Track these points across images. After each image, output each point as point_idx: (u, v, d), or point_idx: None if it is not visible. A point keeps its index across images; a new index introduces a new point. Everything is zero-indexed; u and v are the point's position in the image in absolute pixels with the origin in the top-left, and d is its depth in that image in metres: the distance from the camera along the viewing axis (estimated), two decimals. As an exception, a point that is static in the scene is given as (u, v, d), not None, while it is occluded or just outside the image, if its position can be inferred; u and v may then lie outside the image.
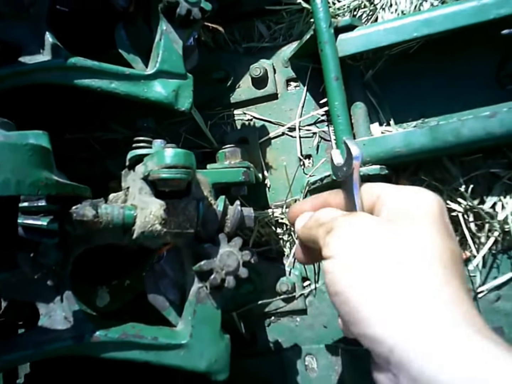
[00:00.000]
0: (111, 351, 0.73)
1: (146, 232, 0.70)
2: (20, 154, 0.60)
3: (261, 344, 1.00)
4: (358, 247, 0.54)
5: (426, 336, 0.45)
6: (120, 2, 0.85)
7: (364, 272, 0.51)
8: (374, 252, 0.52)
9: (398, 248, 0.51)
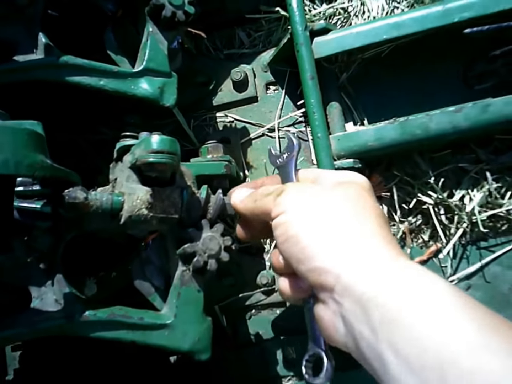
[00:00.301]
0: (100, 331, 0.76)
1: (133, 217, 0.73)
2: (18, 138, 0.64)
3: (242, 336, 1.02)
4: (305, 201, 0.63)
5: (365, 263, 0.54)
6: (109, 6, 0.90)
7: (311, 218, 0.60)
8: (318, 204, 0.62)
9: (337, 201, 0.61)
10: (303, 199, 0.63)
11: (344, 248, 0.56)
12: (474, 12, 0.86)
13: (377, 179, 0.95)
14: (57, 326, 0.74)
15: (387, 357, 0.48)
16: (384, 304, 0.50)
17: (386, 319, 0.49)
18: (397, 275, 0.52)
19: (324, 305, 0.58)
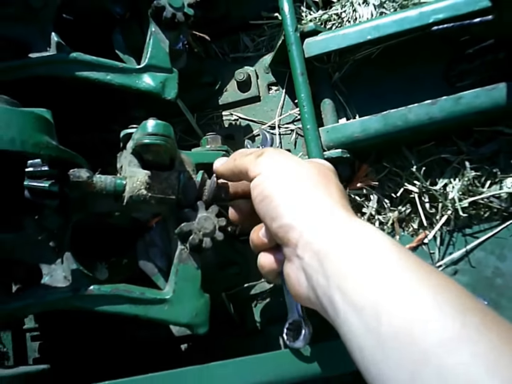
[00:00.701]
0: (104, 305, 0.79)
1: (134, 197, 0.77)
2: (26, 119, 0.70)
3: (249, 323, 1.04)
4: (282, 166, 0.69)
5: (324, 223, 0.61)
6: (117, 10, 0.96)
7: (285, 182, 0.67)
8: (293, 170, 0.68)
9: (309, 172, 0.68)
10: (280, 163, 0.70)
11: (309, 210, 0.63)
12: (447, 14, 0.91)
13: (366, 170, 0.98)
14: (63, 299, 0.78)
15: (337, 301, 0.54)
16: (335, 256, 0.56)
17: (336, 268, 0.55)
18: (348, 234, 0.58)
19: (290, 262, 0.64)
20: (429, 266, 0.53)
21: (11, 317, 0.79)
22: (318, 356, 0.73)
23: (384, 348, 0.49)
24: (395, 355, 0.47)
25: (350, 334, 0.53)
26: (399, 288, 0.50)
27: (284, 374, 0.74)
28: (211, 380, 0.73)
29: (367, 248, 0.56)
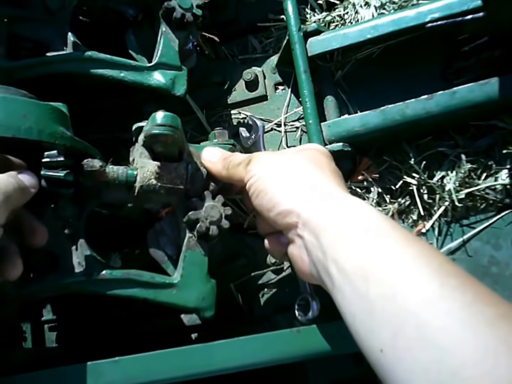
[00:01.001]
0: (115, 288, 0.82)
1: (144, 186, 0.80)
2: (42, 110, 0.73)
3: (257, 312, 1.06)
4: (271, 163, 0.74)
5: (318, 202, 0.65)
6: (130, 12, 1.00)
7: (275, 174, 0.72)
8: (281, 164, 0.73)
9: (297, 160, 0.73)
10: (268, 162, 0.75)
11: (302, 193, 0.67)
12: (442, 13, 0.93)
13: (367, 163, 1.01)
14: (77, 283, 0.81)
15: (332, 271, 0.59)
16: (329, 231, 0.61)
17: (331, 242, 0.60)
18: (340, 209, 0.63)
19: (292, 244, 0.70)
20: (416, 238, 0.58)
21: (28, 299, 0.81)
22: (324, 335, 0.76)
23: (371, 310, 0.53)
24: (381, 316, 0.52)
25: (344, 301, 0.57)
26: (384, 255, 0.55)
27: (288, 352, 0.77)
28: (217, 357, 0.75)
29: (357, 221, 0.60)
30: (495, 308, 0.46)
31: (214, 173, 0.84)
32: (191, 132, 1.15)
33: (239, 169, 0.78)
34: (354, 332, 0.56)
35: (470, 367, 0.43)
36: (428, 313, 0.48)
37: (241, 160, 0.79)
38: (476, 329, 0.45)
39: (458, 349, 0.44)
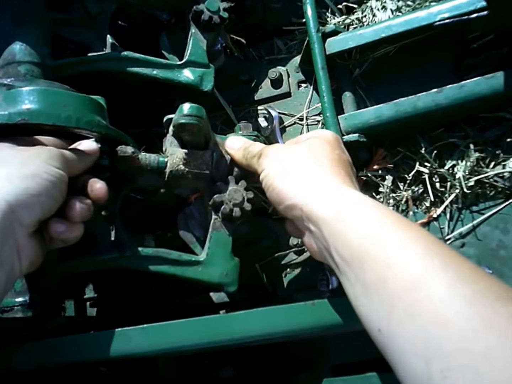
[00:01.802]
0: (147, 265, 0.85)
1: (173, 171, 0.84)
2: (80, 100, 0.77)
3: (280, 292, 1.08)
4: (278, 157, 0.77)
5: (319, 194, 0.67)
6: (164, 16, 1.04)
7: (282, 169, 0.74)
8: (287, 157, 0.75)
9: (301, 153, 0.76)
10: (274, 157, 0.77)
11: (305, 186, 0.69)
12: (451, 13, 0.95)
13: (382, 153, 1.02)
14: (111, 259, 0.85)
15: (335, 258, 0.61)
16: (328, 221, 0.63)
17: (332, 232, 0.62)
18: (336, 200, 0.64)
19: (303, 233, 0.72)
20: (407, 222, 0.60)
21: (67, 273, 0.85)
22: (337, 309, 0.76)
23: (369, 293, 0.56)
24: (376, 298, 0.54)
25: (347, 284, 0.60)
26: (376, 243, 0.56)
27: (303, 323, 0.77)
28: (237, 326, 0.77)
29: (352, 210, 0.62)
30: (473, 284, 0.47)
31: (236, 161, 0.87)
32: (220, 126, 1.18)
33: (254, 161, 0.81)
34: (358, 313, 0.58)
35: (451, 342, 0.45)
36: (414, 294, 0.50)
37: (256, 152, 0.81)
38: (456, 307, 0.46)
39: (441, 326, 0.46)
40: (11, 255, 0.62)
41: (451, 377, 0.43)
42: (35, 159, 0.66)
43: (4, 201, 0.60)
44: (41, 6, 0.91)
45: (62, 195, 0.68)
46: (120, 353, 0.75)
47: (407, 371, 0.49)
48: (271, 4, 1.27)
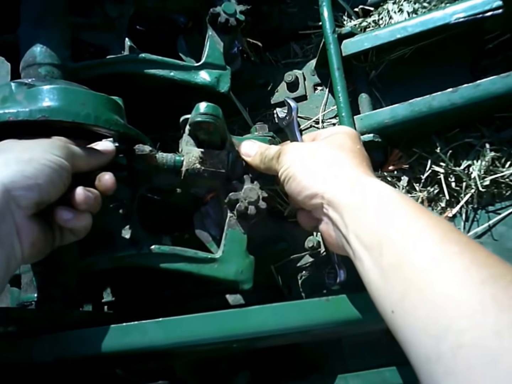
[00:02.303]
0: (163, 262, 0.88)
1: (189, 170, 0.86)
2: (99, 99, 0.80)
3: (295, 294, 1.09)
4: (297, 153, 0.79)
5: (339, 182, 0.71)
6: (181, 19, 1.07)
7: (302, 162, 0.77)
8: (307, 152, 0.79)
9: (321, 147, 0.78)
10: (296, 152, 0.80)
11: (326, 175, 0.72)
12: (466, 13, 0.97)
13: (397, 154, 1.04)
14: (128, 256, 0.87)
15: (353, 244, 0.64)
16: (350, 208, 0.66)
17: (352, 218, 0.65)
18: (358, 187, 0.67)
19: (322, 222, 0.75)
20: (426, 210, 0.63)
21: (85, 269, 0.87)
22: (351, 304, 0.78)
23: (384, 276, 0.58)
24: (391, 281, 0.57)
25: (363, 269, 0.62)
26: (395, 228, 0.59)
27: (317, 318, 0.79)
28: (252, 321, 0.78)
29: (374, 197, 0.65)
30: (489, 269, 0.49)
31: (253, 167, 0.89)
32: (237, 131, 1.20)
33: (273, 162, 0.83)
34: (372, 296, 0.60)
35: (462, 320, 0.47)
36: (429, 277, 0.52)
37: (274, 154, 0.83)
38: (470, 288, 0.48)
39: (453, 306, 0.48)
40: (10, 235, 0.65)
41: (461, 354, 0.45)
42: (35, 147, 0.70)
43: (0, 183, 0.63)
44: (61, 10, 0.94)
45: (64, 183, 0.71)
46: (137, 346, 0.77)
47: (418, 350, 0.51)
48: (288, 8, 1.30)
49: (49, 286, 0.83)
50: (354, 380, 0.87)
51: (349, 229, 0.64)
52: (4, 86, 0.80)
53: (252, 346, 0.90)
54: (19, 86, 0.79)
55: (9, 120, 0.73)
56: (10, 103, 0.76)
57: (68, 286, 0.85)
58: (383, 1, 1.18)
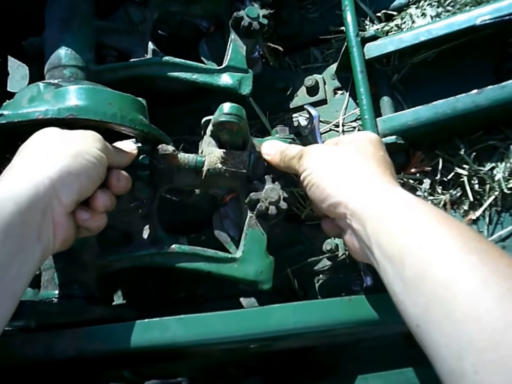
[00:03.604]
0: (183, 261, 0.91)
1: (211, 169, 0.90)
2: (125, 99, 0.85)
3: (311, 298, 1.10)
4: (320, 158, 0.81)
5: (363, 192, 0.71)
6: (204, 24, 1.11)
7: (326, 168, 0.78)
8: (331, 157, 0.80)
9: (346, 153, 0.79)
10: (318, 156, 0.81)
11: (349, 185, 0.73)
12: (492, 16, 0.98)
13: (419, 157, 1.06)
14: (148, 255, 0.91)
15: (376, 254, 0.66)
16: (373, 219, 0.67)
17: (375, 230, 0.67)
18: (382, 198, 0.69)
19: (345, 232, 0.76)
20: (450, 219, 0.64)
21: (105, 268, 0.91)
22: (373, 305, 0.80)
23: (407, 289, 0.60)
24: (414, 294, 0.59)
25: (387, 280, 0.64)
26: (418, 241, 0.61)
27: (338, 318, 0.80)
28: (273, 319, 0.80)
29: (396, 208, 0.67)
30: (508, 282, 0.51)
31: (273, 165, 0.92)
32: (255, 134, 1.20)
33: (293, 162, 0.85)
34: (398, 309, 0.62)
35: (482, 339, 0.49)
36: (450, 291, 0.54)
37: (294, 154, 0.86)
38: (488, 304, 0.50)
39: (473, 323, 0.50)
40: (48, 230, 0.68)
41: (482, 372, 0.48)
42: (81, 140, 0.74)
43: (48, 178, 0.67)
44: (86, 13, 0.99)
45: (100, 177, 0.75)
46: (157, 342, 0.79)
47: (443, 366, 0.53)
48: (308, 14, 1.33)
49: (70, 283, 0.86)
50: (375, 381, 0.89)
51: (371, 240, 0.66)
52: (32, 87, 0.84)
53: (271, 347, 0.92)
54: (47, 86, 0.84)
55: (38, 118, 0.77)
56: (38, 102, 0.81)
57: (88, 284, 0.88)
58: (405, 6, 1.21)
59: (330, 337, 0.87)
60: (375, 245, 0.65)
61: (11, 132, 0.83)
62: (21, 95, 0.83)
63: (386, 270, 0.63)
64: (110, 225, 0.87)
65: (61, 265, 0.87)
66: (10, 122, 0.78)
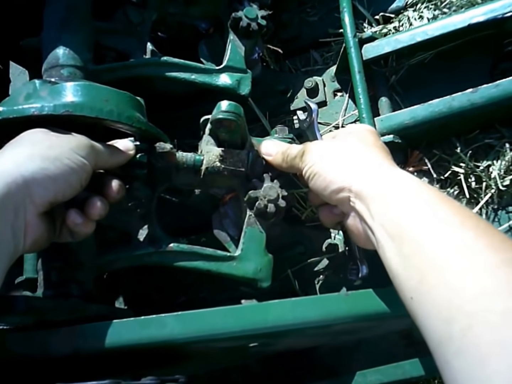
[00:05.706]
0: (181, 260, 0.90)
1: (209, 168, 0.89)
2: (121, 97, 0.83)
3: None
4: (322, 150, 0.82)
5: (367, 175, 0.73)
6: (203, 25, 1.11)
7: (327, 158, 0.79)
8: (331, 149, 0.81)
9: (345, 143, 0.81)
10: (320, 149, 0.82)
11: (353, 169, 0.74)
12: (485, 16, 0.99)
13: (417, 156, 1.06)
14: (147, 255, 0.90)
15: (379, 234, 0.67)
16: (377, 199, 0.69)
17: (378, 208, 0.68)
18: (386, 180, 0.70)
19: (348, 216, 0.77)
20: (449, 199, 0.65)
21: (103, 268, 0.90)
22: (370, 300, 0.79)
23: (404, 263, 0.61)
24: (411, 267, 0.60)
25: (385, 257, 0.65)
26: (417, 217, 0.63)
27: (336, 313, 0.80)
28: (270, 315, 0.79)
29: (399, 188, 0.68)
30: (502, 254, 0.53)
31: (274, 166, 0.91)
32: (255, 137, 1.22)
33: (296, 161, 0.84)
34: (394, 284, 0.64)
35: (473, 302, 0.50)
36: (445, 263, 0.55)
37: (296, 152, 0.85)
38: (482, 272, 0.52)
39: (465, 289, 0.52)
40: (20, 229, 0.67)
41: (470, 335, 0.49)
42: (63, 144, 0.73)
43: (21, 176, 0.65)
44: (85, 14, 0.98)
45: (81, 184, 0.73)
46: (155, 339, 0.77)
47: (432, 334, 0.54)
48: (308, 17, 1.33)
49: (67, 282, 0.85)
50: (373, 376, 0.88)
51: (375, 219, 0.67)
52: (28, 84, 0.83)
53: (271, 347, 0.91)
54: (43, 83, 0.83)
55: (33, 114, 0.76)
56: (34, 99, 0.79)
57: (84, 283, 0.87)
58: (403, 8, 1.21)
59: (328, 334, 0.86)
60: (379, 225, 0.67)
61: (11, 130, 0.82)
62: (17, 92, 0.82)
63: (386, 247, 0.64)
64: (108, 225, 0.87)
65: (59, 264, 0.86)
66: (5, 119, 0.76)
